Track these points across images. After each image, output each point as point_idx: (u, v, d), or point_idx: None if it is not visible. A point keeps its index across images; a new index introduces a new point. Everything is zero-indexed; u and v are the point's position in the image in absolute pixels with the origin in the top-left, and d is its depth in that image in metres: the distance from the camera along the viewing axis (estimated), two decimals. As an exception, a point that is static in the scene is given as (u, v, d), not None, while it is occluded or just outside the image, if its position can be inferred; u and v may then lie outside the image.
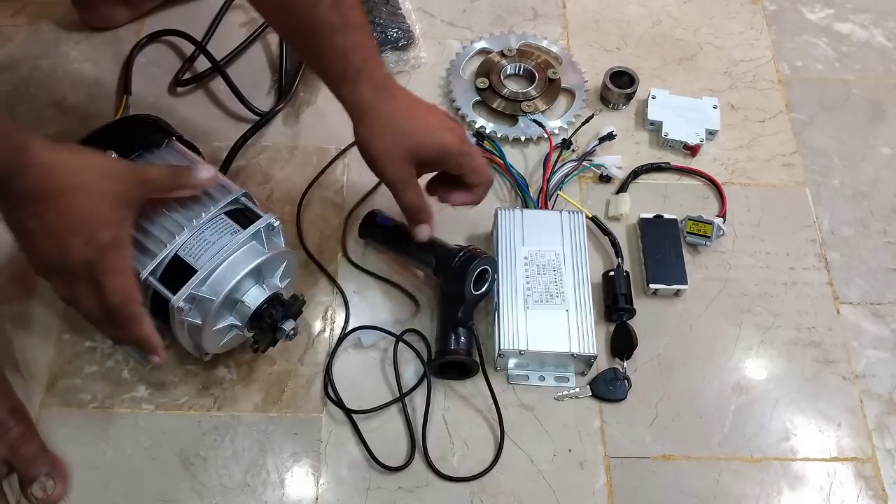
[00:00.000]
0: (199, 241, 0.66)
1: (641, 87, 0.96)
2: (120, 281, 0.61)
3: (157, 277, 0.66)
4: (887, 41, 1.07)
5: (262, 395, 0.76)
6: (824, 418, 0.78)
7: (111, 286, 0.60)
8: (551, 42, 1.02)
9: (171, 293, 0.65)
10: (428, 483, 0.72)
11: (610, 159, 0.92)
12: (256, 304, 0.68)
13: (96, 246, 0.59)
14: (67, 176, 0.59)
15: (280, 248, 0.71)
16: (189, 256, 0.66)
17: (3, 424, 0.69)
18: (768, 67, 1.03)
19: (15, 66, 0.96)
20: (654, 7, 1.08)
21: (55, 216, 0.59)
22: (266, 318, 0.68)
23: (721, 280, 0.85)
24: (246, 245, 0.67)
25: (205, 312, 0.66)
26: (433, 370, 0.77)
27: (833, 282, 0.86)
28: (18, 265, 0.81)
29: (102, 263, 0.60)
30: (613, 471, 0.74)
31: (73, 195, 0.59)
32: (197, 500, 0.71)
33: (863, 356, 0.82)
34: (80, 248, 0.59)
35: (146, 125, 0.75)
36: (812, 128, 0.98)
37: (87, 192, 0.59)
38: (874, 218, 0.91)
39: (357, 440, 0.74)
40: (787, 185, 0.93)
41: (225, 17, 1.02)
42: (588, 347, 0.75)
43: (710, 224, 0.86)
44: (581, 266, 0.80)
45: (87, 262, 0.59)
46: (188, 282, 0.64)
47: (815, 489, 0.74)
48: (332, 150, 0.92)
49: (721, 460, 0.75)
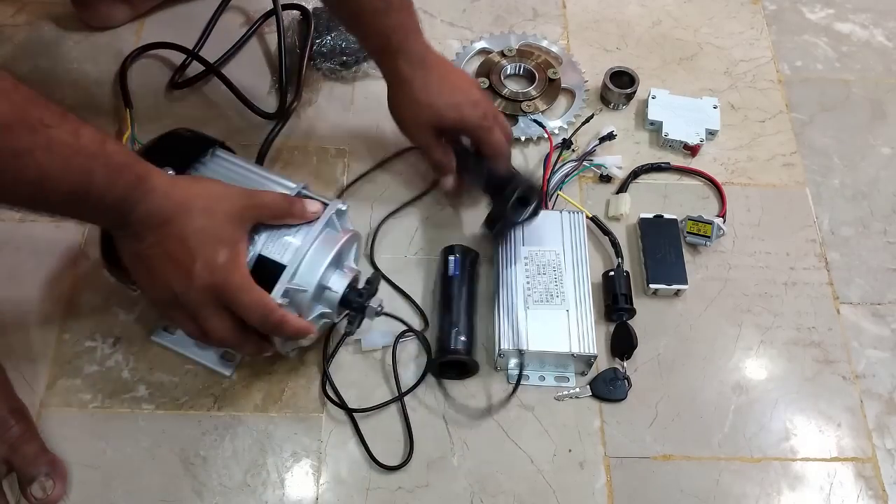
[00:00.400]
0: (278, 239, 0.67)
1: (641, 87, 0.96)
2: (252, 295, 0.62)
3: None
4: (887, 41, 1.07)
5: (262, 395, 0.76)
6: (824, 418, 0.78)
7: (246, 303, 0.62)
8: (551, 42, 1.02)
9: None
10: (428, 483, 0.72)
11: (610, 159, 0.92)
12: (342, 288, 0.70)
13: (218, 267, 0.61)
14: (186, 199, 0.61)
15: (350, 230, 0.72)
16: (273, 254, 0.67)
17: (3, 423, 0.69)
18: (768, 67, 1.03)
19: (15, 66, 0.96)
20: (654, 7, 1.08)
21: (176, 241, 0.60)
22: (354, 300, 0.70)
23: (721, 280, 0.85)
24: (322, 233, 0.69)
25: (299, 305, 0.67)
26: (433, 370, 0.77)
27: (833, 282, 0.86)
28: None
29: (228, 284, 0.61)
30: (613, 471, 0.74)
31: (192, 217, 0.60)
32: (197, 500, 0.71)
33: (863, 356, 0.82)
34: (202, 271, 0.60)
35: (187, 138, 0.75)
36: (812, 128, 0.98)
37: (205, 212, 0.61)
38: (874, 218, 0.91)
39: (357, 440, 0.74)
40: (787, 185, 0.93)
41: (224, 17, 1.02)
42: (588, 347, 0.75)
43: (710, 224, 0.86)
44: (581, 266, 0.80)
45: (211, 286, 0.61)
46: (280, 277, 0.65)
47: (815, 489, 0.74)
48: (331, 150, 0.92)
49: (721, 460, 0.75)
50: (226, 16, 1.02)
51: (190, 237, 0.60)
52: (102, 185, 0.55)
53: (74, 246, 0.83)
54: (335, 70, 0.97)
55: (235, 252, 0.62)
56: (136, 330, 0.79)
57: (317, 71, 0.97)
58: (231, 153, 0.75)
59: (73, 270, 0.82)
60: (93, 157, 0.54)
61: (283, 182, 0.71)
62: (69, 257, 0.83)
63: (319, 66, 0.97)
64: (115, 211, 0.58)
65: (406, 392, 0.76)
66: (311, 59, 0.97)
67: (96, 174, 0.55)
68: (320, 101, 0.96)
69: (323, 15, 1.00)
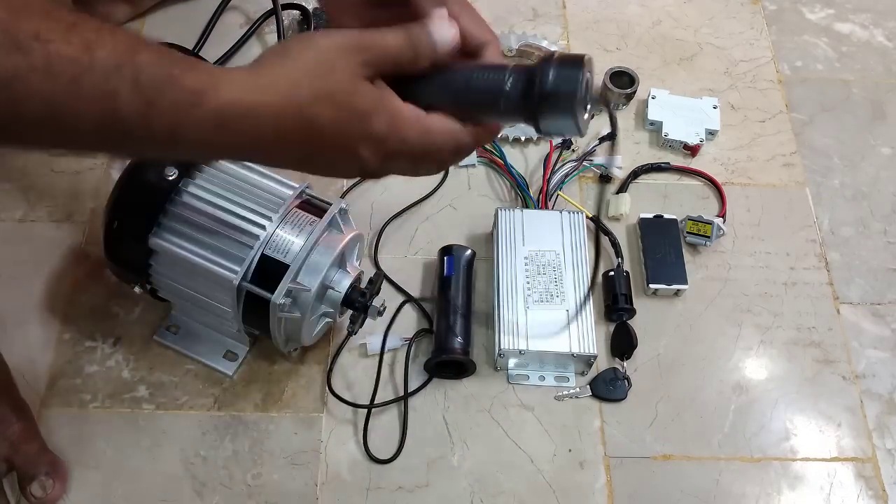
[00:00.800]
0: (281, 238, 0.67)
1: (641, 87, 0.96)
2: (434, 121, 0.48)
3: (248, 281, 0.67)
4: (887, 41, 1.07)
5: (262, 394, 0.76)
6: (824, 418, 0.78)
7: (438, 129, 0.49)
8: (551, 42, 1.02)
9: (268, 293, 0.65)
10: (428, 483, 0.72)
11: (610, 159, 0.92)
12: (345, 288, 0.70)
13: (382, 135, 0.47)
14: (282, 102, 0.45)
15: (353, 230, 0.72)
16: (277, 253, 0.67)
17: (5, 421, 0.69)
18: (768, 67, 1.03)
19: (15, 65, 0.96)
20: (654, 7, 1.08)
21: (310, 148, 0.47)
22: (357, 299, 0.70)
23: (721, 280, 0.85)
24: (325, 233, 0.69)
25: (303, 305, 0.67)
26: (429, 369, 0.77)
27: (833, 282, 0.86)
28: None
29: (397, 130, 0.48)
30: (613, 471, 0.74)
31: (316, 108, 0.45)
32: (197, 500, 0.71)
33: (863, 356, 0.82)
34: (370, 154, 0.47)
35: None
36: (812, 128, 0.98)
37: (320, 103, 0.45)
38: (874, 218, 0.91)
39: (357, 440, 0.74)
40: (787, 185, 0.93)
41: (224, 17, 1.02)
42: (588, 347, 0.75)
43: (710, 224, 0.86)
44: (581, 266, 0.80)
45: (392, 153, 0.48)
46: (284, 276, 0.65)
47: (815, 489, 0.74)
48: (332, 149, 0.92)
49: (721, 460, 0.75)
50: (226, 16, 1.02)
51: (331, 131, 0.46)
52: (135, 111, 0.41)
53: (75, 246, 0.83)
54: (335, 70, 0.97)
55: (379, 96, 0.47)
56: (137, 330, 0.79)
57: (317, 71, 0.97)
58: None
59: (73, 270, 0.82)
60: (113, 73, 0.40)
61: (285, 182, 0.71)
62: (69, 257, 0.83)
63: (319, 66, 0.97)
64: (174, 142, 0.43)
65: (412, 393, 0.76)
66: (311, 59, 0.97)
67: (121, 96, 0.40)
68: (320, 101, 0.96)
69: (323, 15, 1.00)
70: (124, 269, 0.73)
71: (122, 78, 0.40)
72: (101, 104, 0.40)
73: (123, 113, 0.41)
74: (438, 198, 0.89)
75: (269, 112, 0.44)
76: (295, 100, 0.45)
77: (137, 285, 0.73)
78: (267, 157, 0.48)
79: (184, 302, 0.74)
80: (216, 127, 0.43)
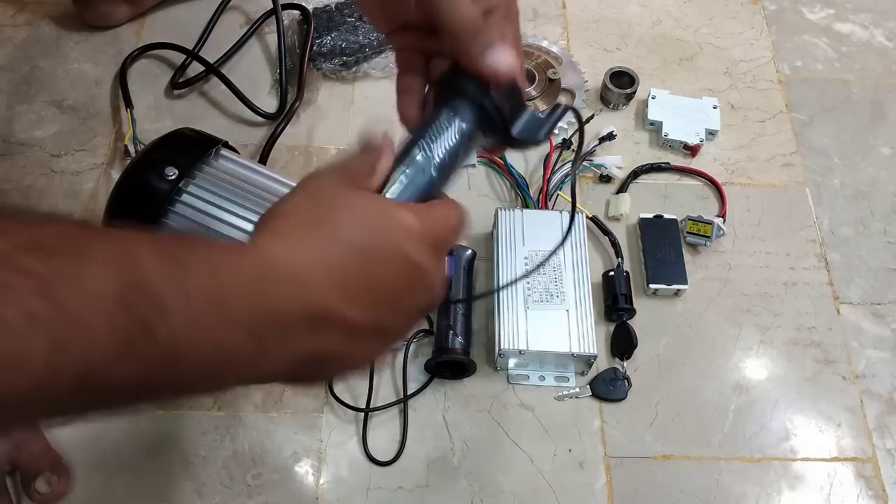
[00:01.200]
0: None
1: (641, 87, 0.96)
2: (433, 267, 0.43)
3: None
4: (887, 41, 1.07)
5: (262, 395, 0.76)
6: (824, 418, 0.78)
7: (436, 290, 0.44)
8: (551, 42, 1.02)
9: None
10: (428, 483, 0.72)
11: (610, 159, 0.92)
12: None
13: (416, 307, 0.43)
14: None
15: None
16: None
17: None
18: (768, 67, 1.03)
19: (15, 66, 0.96)
20: (654, 7, 1.08)
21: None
22: None
23: (721, 280, 0.85)
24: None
25: None
26: (429, 370, 0.77)
27: (833, 282, 0.86)
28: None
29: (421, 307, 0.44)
30: (613, 471, 0.74)
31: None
32: (197, 500, 0.71)
33: (863, 356, 0.82)
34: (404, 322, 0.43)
35: (191, 138, 0.75)
36: (812, 128, 0.98)
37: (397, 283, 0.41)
38: (874, 218, 0.91)
39: (357, 440, 0.74)
40: (787, 185, 0.93)
41: (224, 17, 1.02)
42: (588, 347, 0.75)
43: (710, 224, 0.86)
44: (581, 266, 0.80)
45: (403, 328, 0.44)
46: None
47: (815, 489, 0.74)
48: (331, 150, 0.92)
49: (721, 460, 0.75)
50: (226, 16, 1.02)
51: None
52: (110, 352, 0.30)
53: (74, 246, 0.83)
54: (335, 70, 0.97)
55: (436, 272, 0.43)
56: (137, 330, 0.79)
57: (317, 71, 0.97)
58: (235, 153, 0.75)
59: (73, 270, 0.82)
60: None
61: (286, 182, 0.71)
62: (69, 257, 0.83)
63: (319, 66, 0.97)
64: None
65: (412, 394, 0.76)
66: (311, 59, 0.97)
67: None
68: (320, 101, 0.96)
69: (323, 15, 1.00)
70: None
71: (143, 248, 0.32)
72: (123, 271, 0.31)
73: (151, 277, 0.32)
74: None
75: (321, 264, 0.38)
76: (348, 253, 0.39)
77: None
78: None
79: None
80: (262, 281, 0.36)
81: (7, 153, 0.89)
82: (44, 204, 0.86)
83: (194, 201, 0.68)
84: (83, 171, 0.89)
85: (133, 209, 0.69)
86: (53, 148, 0.90)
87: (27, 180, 0.88)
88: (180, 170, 0.68)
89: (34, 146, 0.90)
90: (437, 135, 0.47)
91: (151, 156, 0.71)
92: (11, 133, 0.91)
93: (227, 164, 0.72)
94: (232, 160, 0.73)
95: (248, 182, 0.70)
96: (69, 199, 0.86)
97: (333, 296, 0.37)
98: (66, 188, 0.87)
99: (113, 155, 0.90)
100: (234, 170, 0.71)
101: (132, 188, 0.70)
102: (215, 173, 0.70)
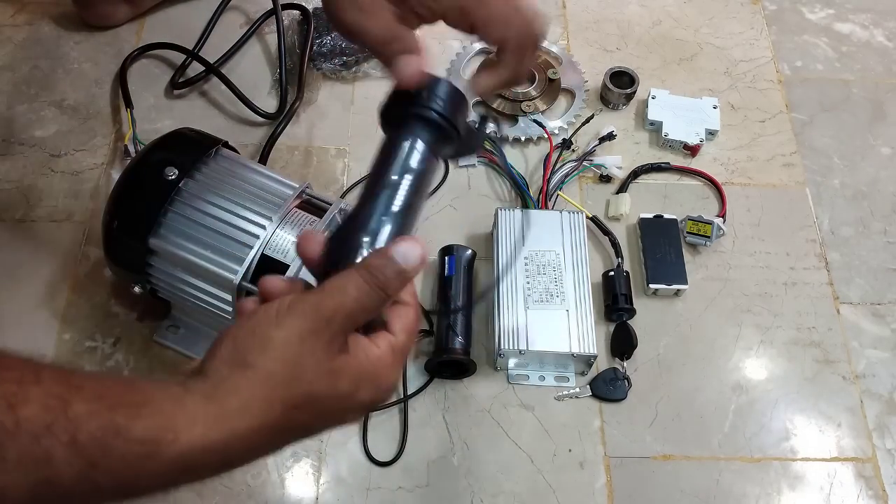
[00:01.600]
0: (281, 238, 0.67)
1: (641, 87, 0.96)
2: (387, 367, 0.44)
3: (248, 281, 0.67)
4: (887, 41, 1.07)
5: (262, 395, 0.76)
6: (824, 418, 0.78)
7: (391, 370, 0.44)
8: (551, 42, 1.02)
9: None
10: (428, 483, 0.72)
11: (610, 159, 0.92)
12: None
13: (365, 391, 0.43)
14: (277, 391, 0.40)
15: None
16: (276, 253, 0.67)
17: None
18: (768, 67, 1.03)
19: (15, 66, 0.96)
20: (654, 7, 1.08)
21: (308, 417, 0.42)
22: None
23: (721, 280, 0.85)
24: (326, 233, 0.68)
25: None
26: (430, 369, 0.77)
27: (833, 282, 0.86)
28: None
29: (380, 382, 0.44)
30: (613, 471, 0.74)
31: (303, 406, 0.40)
32: (197, 500, 0.71)
33: (863, 356, 0.82)
34: (356, 412, 0.44)
35: (192, 138, 0.75)
36: (812, 128, 0.98)
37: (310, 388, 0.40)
38: (874, 218, 0.91)
39: (357, 440, 0.74)
40: (787, 185, 0.93)
41: (224, 17, 1.02)
42: (588, 347, 0.75)
43: (710, 224, 0.86)
44: (581, 266, 0.80)
45: (368, 401, 0.44)
46: (284, 275, 0.65)
47: (815, 489, 0.74)
48: (331, 150, 0.92)
49: (721, 460, 0.75)
50: (226, 16, 1.02)
51: (321, 414, 0.42)
52: (76, 474, 0.35)
53: (74, 246, 0.83)
54: (335, 70, 0.97)
55: (363, 374, 0.42)
56: (137, 330, 0.79)
57: (317, 71, 0.97)
58: (235, 153, 0.75)
59: (73, 270, 0.82)
60: (44, 434, 0.34)
61: (285, 182, 0.71)
62: (69, 257, 0.83)
63: (319, 66, 0.97)
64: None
65: (412, 394, 0.76)
66: (311, 59, 0.97)
67: (56, 460, 0.34)
68: (320, 101, 0.96)
69: (323, 15, 1.00)
70: (124, 269, 0.73)
71: (55, 439, 0.34)
72: (34, 472, 0.34)
73: (63, 478, 0.35)
74: (438, 198, 0.89)
75: (242, 440, 0.39)
76: (270, 418, 0.39)
77: (137, 285, 0.73)
78: (241, 466, 0.43)
79: (184, 302, 0.74)
80: (181, 471, 0.39)
81: (7, 153, 0.89)
82: (44, 204, 0.86)
83: (194, 201, 0.68)
84: (83, 171, 0.89)
85: (133, 209, 0.69)
86: (53, 148, 0.90)
87: (27, 180, 0.88)
88: (180, 170, 0.68)
89: (34, 146, 0.90)
90: (396, 160, 0.47)
91: (151, 156, 0.71)
92: (11, 133, 0.91)
93: (227, 164, 0.72)
94: (232, 160, 0.73)
95: (248, 182, 0.70)
96: (69, 199, 0.87)
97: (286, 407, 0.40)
98: (66, 188, 0.87)
99: (113, 155, 0.90)
100: (234, 170, 0.71)
101: (133, 188, 0.70)
102: (215, 173, 0.70)
